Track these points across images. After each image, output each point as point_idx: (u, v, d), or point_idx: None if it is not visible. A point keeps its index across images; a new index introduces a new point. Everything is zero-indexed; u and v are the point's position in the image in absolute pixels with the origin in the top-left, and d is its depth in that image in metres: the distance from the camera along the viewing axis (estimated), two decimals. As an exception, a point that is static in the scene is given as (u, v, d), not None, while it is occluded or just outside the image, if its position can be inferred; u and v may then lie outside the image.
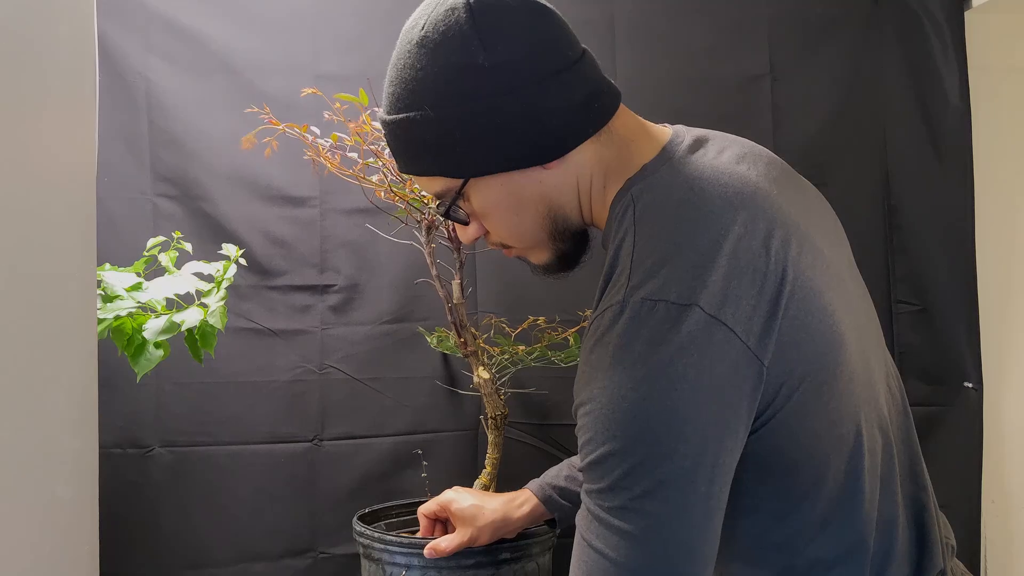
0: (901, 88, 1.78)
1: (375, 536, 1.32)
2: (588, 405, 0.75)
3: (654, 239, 0.77)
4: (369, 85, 1.26)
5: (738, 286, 0.74)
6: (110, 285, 1.22)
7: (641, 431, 0.72)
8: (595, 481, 0.75)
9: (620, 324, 0.74)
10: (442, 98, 0.80)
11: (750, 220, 0.77)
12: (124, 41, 1.65)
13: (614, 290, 0.77)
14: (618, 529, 0.73)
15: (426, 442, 1.69)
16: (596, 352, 0.75)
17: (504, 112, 0.80)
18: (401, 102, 0.83)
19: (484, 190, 0.85)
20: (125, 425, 1.62)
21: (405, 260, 1.67)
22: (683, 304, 0.72)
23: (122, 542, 1.58)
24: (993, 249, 1.79)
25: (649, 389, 0.72)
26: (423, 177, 0.88)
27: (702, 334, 0.72)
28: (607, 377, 0.73)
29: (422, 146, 0.84)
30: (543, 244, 0.90)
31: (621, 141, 0.86)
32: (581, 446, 0.76)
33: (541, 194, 0.85)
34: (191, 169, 1.67)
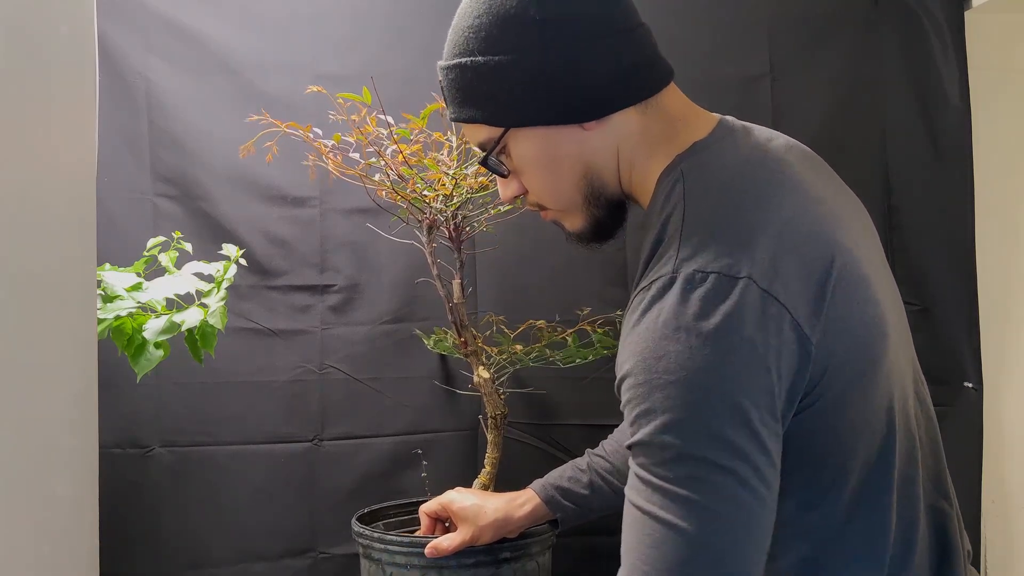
0: (901, 88, 1.77)
1: (374, 536, 1.32)
2: (638, 376, 0.75)
3: (705, 213, 0.78)
4: (372, 84, 1.26)
5: (788, 265, 0.74)
6: (110, 285, 1.22)
7: (698, 400, 0.72)
8: (653, 452, 0.74)
9: (671, 295, 0.74)
10: (491, 46, 0.83)
11: (799, 205, 0.79)
12: (124, 41, 1.65)
13: (662, 262, 0.77)
14: (685, 499, 0.71)
15: (426, 442, 1.69)
16: (645, 323, 0.75)
17: (548, 66, 0.82)
18: (456, 48, 0.86)
19: (523, 143, 0.87)
20: (125, 425, 1.62)
21: (405, 260, 1.67)
22: (735, 276, 0.72)
23: (122, 542, 1.59)
24: (993, 249, 1.79)
25: (704, 358, 0.71)
26: (469, 125, 0.90)
27: (754, 306, 0.72)
28: (658, 347, 0.73)
29: (469, 93, 0.86)
30: (578, 208, 0.91)
31: (669, 117, 0.88)
32: (634, 418, 0.75)
33: (578, 154, 0.87)
34: (191, 169, 1.67)
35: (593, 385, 1.72)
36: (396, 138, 1.31)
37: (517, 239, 1.69)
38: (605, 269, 1.74)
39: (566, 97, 0.84)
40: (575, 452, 1.72)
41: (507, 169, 0.91)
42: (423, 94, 1.38)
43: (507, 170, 0.91)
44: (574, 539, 1.64)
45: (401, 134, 1.31)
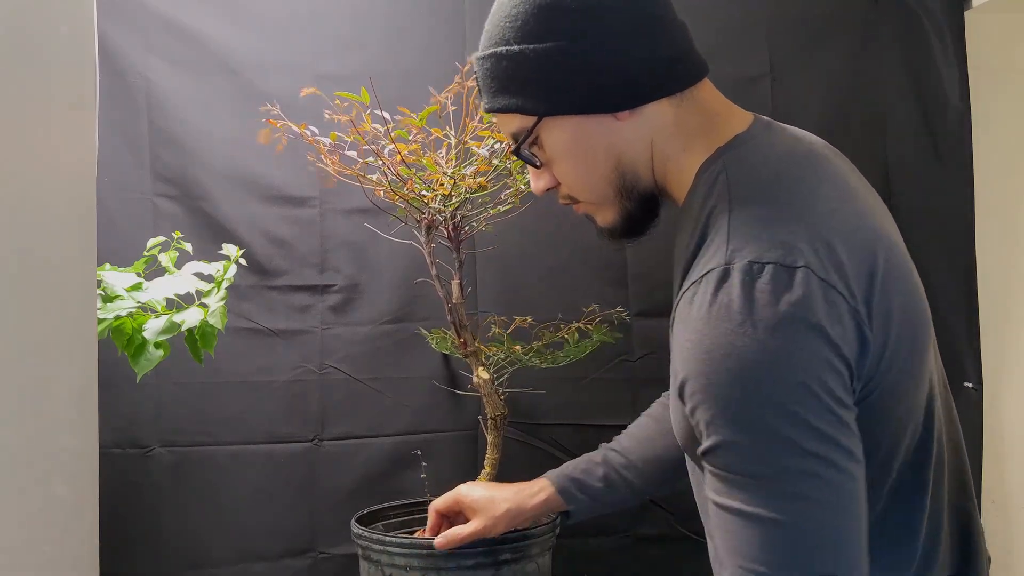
0: (901, 88, 1.78)
1: (374, 537, 1.32)
2: (708, 377, 0.73)
3: (753, 205, 0.78)
4: (370, 84, 1.26)
5: (840, 255, 0.74)
6: (110, 285, 1.22)
7: (774, 392, 0.70)
8: (737, 452, 0.72)
9: (729, 288, 0.72)
10: (526, 35, 0.83)
11: (842, 198, 0.79)
12: (124, 41, 1.65)
13: (708, 255, 0.76)
14: (781, 492, 0.71)
15: (426, 442, 1.69)
16: (703, 319, 0.73)
17: (582, 55, 0.82)
18: (492, 38, 0.87)
19: (555, 132, 0.86)
20: (125, 425, 1.62)
21: (405, 260, 1.67)
22: (792, 266, 0.72)
23: (122, 542, 1.59)
24: (993, 249, 1.79)
25: (775, 349, 0.70)
26: (503, 115, 0.89)
27: (815, 294, 0.71)
28: (725, 344, 0.71)
29: (503, 82, 0.86)
30: (610, 201, 0.90)
31: (706, 111, 0.87)
32: (708, 421, 0.73)
33: (611, 145, 0.86)
34: (191, 169, 1.67)
35: (593, 385, 1.72)
36: (393, 137, 1.31)
37: (517, 239, 1.69)
38: (605, 269, 1.74)
39: (599, 86, 0.84)
40: (575, 452, 1.72)
41: (540, 160, 0.90)
42: (422, 94, 1.38)
43: (540, 161, 0.90)
44: (574, 540, 1.64)
45: (399, 134, 1.31)
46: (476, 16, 1.74)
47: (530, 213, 1.52)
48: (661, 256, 1.73)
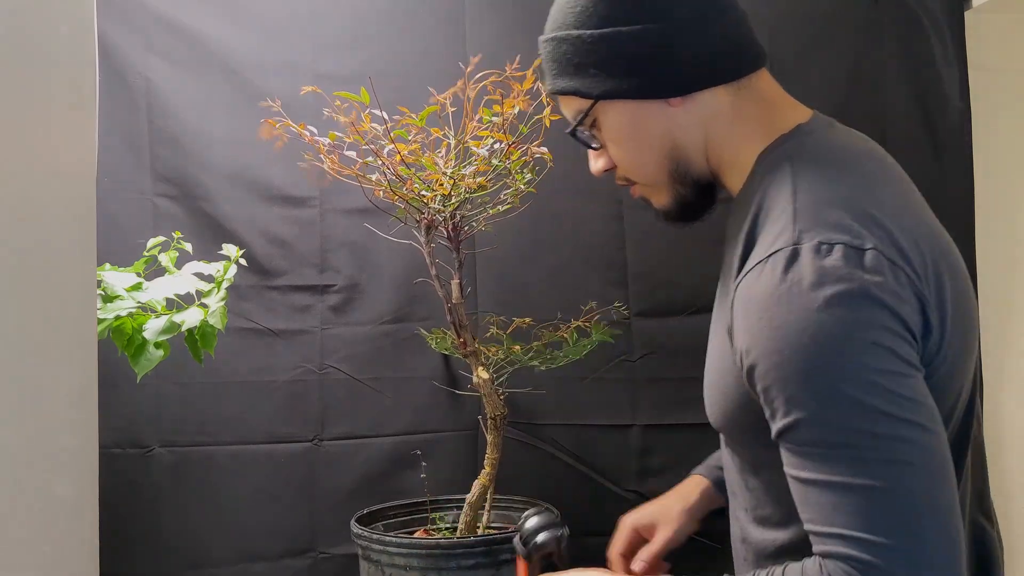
0: (901, 88, 1.77)
1: (373, 537, 1.32)
2: (780, 355, 0.74)
3: (819, 190, 0.79)
4: (370, 84, 1.26)
5: (903, 243, 0.76)
6: (110, 285, 1.22)
7: (850, 365, 0.72)
8: (821, 424, 0.73)
9: (799, 267, 0.74)
10: (584, 20, 0.87)
11: (904, 194, 0.83)
12: (124, 41, 1.65)
13: (773, 236, 0.77)
14: (874, 460, 0.72)
15: (426, 442, 1.69)
16: (773, 298, 0.74)
17: (638, 40, 0.85)
18: (555, 22, 0.90)
19: (611, 115, 0.89)
20: (125, 425, 1.62)
21: (405, 260, 1.67)
22: (861, 247, 0.73)
23: (122, 542, 1.58)
24: (993, 249, 1.79)
25: (847, 325, 0.72)
26: (563, 98, 0.92)
27: (885, 271, 0.73)
28: (798, 321, 0.73)
29: (563, 65, 0.89)
30: (663, 184, 0.92)
31: (764, 100, 0.89)
32: (786, 400, 0.74)
33: (665, 130, 0.88)
34: (191, 169, 1.67)
35: (593, 385, 1.72)
36: (392, 137, 1.31)
37: (516, 239, 1.69)
38: (605, 269, 1.74)
39: (652, 73, 0.86)
40: (575, 452, 1.72)
41: (597, 142, 0.92)
42: (422, 94, 1.38)
43: (597, 143, 0.92)
44: (574, 539, 1.64)
45: (399, 134, 1.31)
46: (476, 16, 1.74)
47: (530, 213, 1.52)
48: (661, 256, 1.74)
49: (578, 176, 1.72)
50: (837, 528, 0.73)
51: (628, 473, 1.73)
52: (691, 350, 1.73)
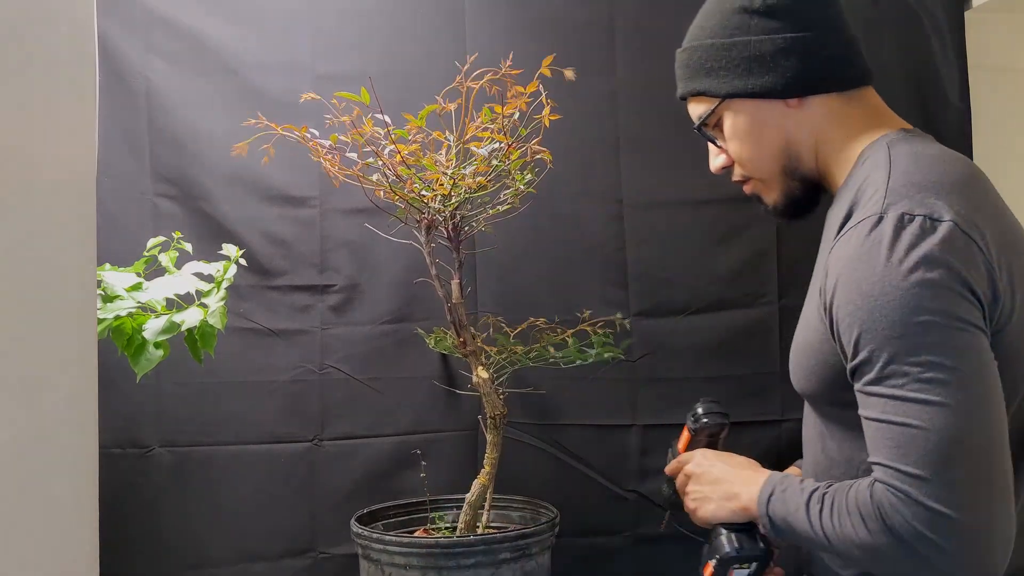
0: (901, 88, 1.77)
1: (373, 537, 1.32)
2: (854, 303, 0.86)
3: (911, 174, 0.91)
4: (370, 85, 1.26)
5: (982, 225, 0.87)
6: (110, 285, 1.22)
7: (911, 320, 0.83)
8: (878, 368, 0.84)
9: (882, 230, 0.86)
10: (718, 31, 1.03)
11: (988, 194, 0.94)
12: (124, 41, 1.65)
13: (867, 207, 0.90)
14: (914, 400, 0.82)
15: (426, 442, 1.69)
16: (859, 253, 0.87)
17: (762, 48, 1.01)
18: (691, 36, 1.07)
19: (735, 113, 1.04)
20: (125, 425, 1.62)
21: (405, 260, 1.67)
22: (939, 219, 0.85)
23: (122, 542, 1.58)
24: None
25: (918, 281, 0.83)
26: (693, 100, 1.08)
27: (958, 242, 0.84)
28: (873, 275, 0.85)
29: (696, 69, 1.05)
30: (775, 179, 1.05)
31: (870, 109, 1.04)
32: (855, 342, 0.85)
33: (781, 128, 1.02)
34: (191, 169, 1.67)
35: (593, 385, 1.72)
36: (393, 138, 1.31)
37: (516, 239, 1.69)
38: (605, 269, 1.74)
39: (774, 76, 1.00)
40: (575, 452, 1.72)
41: (719, 140, 1.06)
42: (423, 95, 1.38)
43: (720, 140, 1.06)
44: (574, 540, 1.64)
45: (399, 134, 1.32)
46: (476, 16, 1.74)
47: (530, 213, 1.52)
48: (661, 256, 1.74)
49: (578, 177, 1.73)
50: (883, 459, 0.83)
51: (628, 473, 1.73)
52: (691, 350, 1.75)
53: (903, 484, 0.82)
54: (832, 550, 0.89)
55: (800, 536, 0.91)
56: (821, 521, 0.89)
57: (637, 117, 1.75)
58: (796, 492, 0.93)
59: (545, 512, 1.47)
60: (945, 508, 0.79)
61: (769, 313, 1.73)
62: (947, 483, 0.80)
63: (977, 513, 0.80)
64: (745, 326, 1.73)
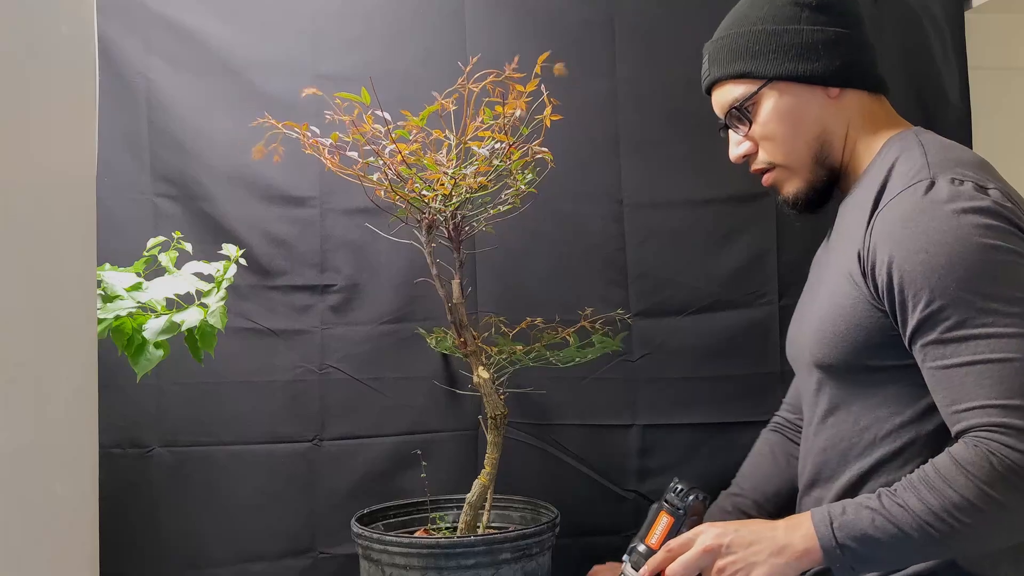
0: (901, 88, 1.77)
1: (374, 537, 1.32)
2: (920, 256, 0.89)
3: (944, 150, 0.99)
4: (370, 84, 1.26)
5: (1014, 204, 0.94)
6: (110, 285, 1.22)
7: (982, 263, 0.87)
8: (957, 312, 0.87)
9: (937, 191, 0.91)
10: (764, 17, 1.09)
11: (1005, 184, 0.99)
12: (124, 41, 1.65)
13: (911, 176, 0.95)
14: (1004, 335, 0.85)
15: (426, 442, 1.69)
16: (914, 214, 0.91)
17: (812, 35, 1.06)
18: (735, 24, 1.12)
19: (780, 95, 1.08)
20: (125, 425, 1.62)
21: (405, 260, 1.67)
22: (986, 186, 0.93)
23: (122, 542, 1.58)
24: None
25: (980, 233, 0.88)
26: (726, 85, 1.12)
27: (1006, 206, 0.91)
28: (937, 227, 0.89)
29: (741, 52, 1.09)
30: (805, 167, 1.09)
31: (891, 112, 1.13)
32: (928, 291, 0.88)
33: (819, 117, 1.08)
34: (191, 169, 1.67)
35: (593, 385, 1.72)
36: (394, 137, 1.31)
37: (517, 239, 1.69)
38: (605, 269, 1.74)
39: (822, 63, 1.06)
40: (575, 452, 1.72)
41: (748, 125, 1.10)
42: (423, 94, 1.38)
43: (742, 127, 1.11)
44: (574, 539, 1.64)
45: (400, 134, 1.31)
46: (476, 16, 1.74)
47: (530, 213, 1.52)
48: (661, 256, 1.74)
49: (578, 177, 1.73)
50: (981, 400, 0.84)
51: (628, 473, 1.73)
52: (691, 350, 1.75)
53: (1014, 419, 0.81)
54: (939, 537, 0.84)
55: (891, 547, 0.86)
56: (919, 504, 0.84)
57: (637, 117, 1.75)
58: (860, 506, 0.89)
59: (545, 512, 1.47)
60: None
61: (769, 313, 1.73)
62: None
63: None
64: (745, 326, 1.73)
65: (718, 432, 1.39)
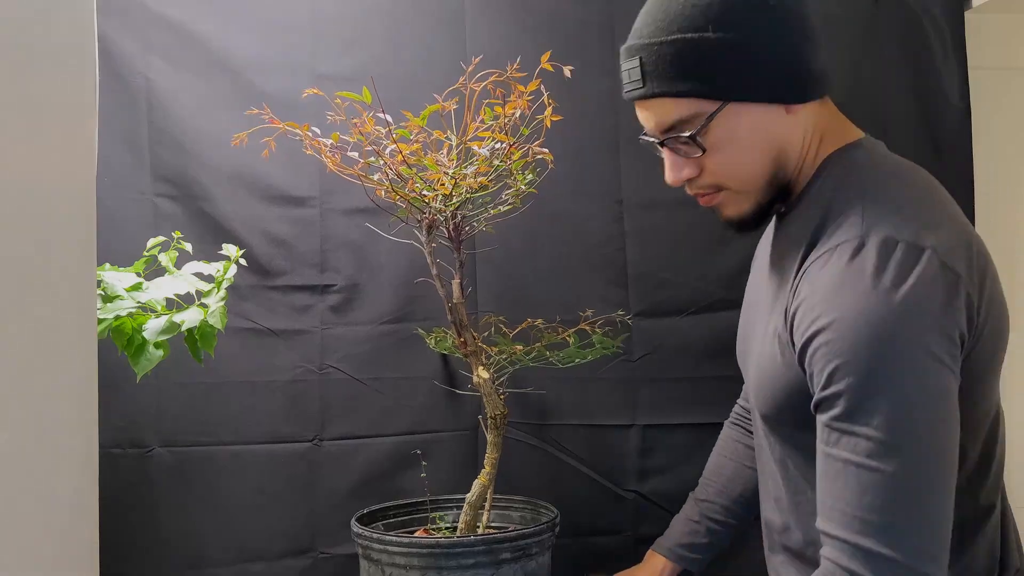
0: (901, 88, 1.77)
1: (374, 537, 1.32)
2: (830, 334, 0.82)
3: (884, 189, 0.88)
4: (371, 84, 1.26)
5: (959, 246, 0.84)
6: (110, 285, 1.22)
7: (897, 352, 0.79)
8: (849, 403, 0.80)
9: (864, 259, 0.82)
10: (726, 22, 0.88)
11: (951, 205, 0.91)
12: (124, 41, 1.65)
13: (843, 229, 0.86)
14: (883, 443, 0.78)
15: (426, 442, 1.69)
16: (839, 283, 0.83)
17: (777, 47, 0.90)
18: (675, 24, 0.89)
19: (733, 120, 0.91)
20: (125, 425, 1.62)
21: (405, 260, 1.67)
22: (921, 246, 0.82)
23: (122, 542, 1.58)
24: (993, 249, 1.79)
25: (901, 315, 0.79)
26: (670, 100, 0.92)
27: (938, 273, 0.81)
28: (858, 307, 0.81)
29: (690, 66, 0.89)
30: (757, 190, 0.96)
31: (837, 114, 0.99)
32: (829, 374, 0.81)
33: (776, 136, 0.93)
34: (191, 169, 1.67)
35: (593, 385, 1.72)
36: (395, 137, 1.31)
37: (517, 239, 1.69)
38: (605, 269, 1.74)
39: (786, 79, 0.91)
40: (575, 452, 1.72)
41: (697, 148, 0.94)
42: (423, 94, 1.38)
43: (697, 149, 0.94)
44: (574, 539, 1.64)
45: (401, 134, 1.32)
46: (476, 16, 1.74)
47: (530, 213, 1.52)
48: (661, 256, 1.74)
49: (578, 177, 1.73)
50: (840, 510, 0.80)
51: (628, 473, 1.73)
52: (691, 350, 1.75)
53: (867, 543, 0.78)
54: None
55: None
56: None
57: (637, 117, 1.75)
58: None
59: (545, 512, 1.47)
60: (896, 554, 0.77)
61: (769, 313, 1.73)
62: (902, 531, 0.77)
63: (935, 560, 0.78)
64: (745, 326, 1.73)
65: (718, 432, 1.39)
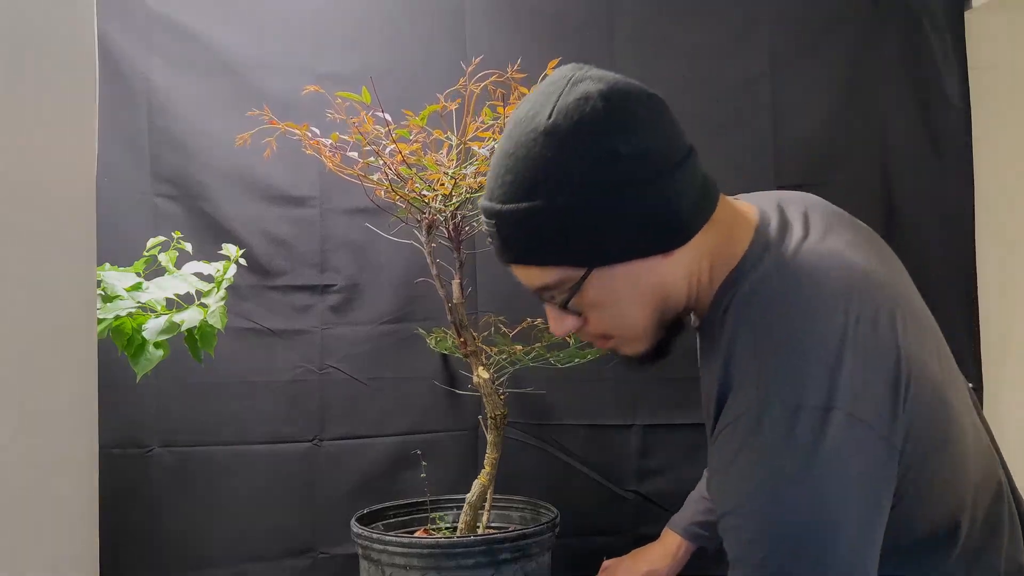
0: (901, 88, 1.77)
1: (373, 537, 1.32)
2: (737, 517, 0.76)
3: (775, 340, 0.78)
4: (371, 84, 1.26)
5: (865, 378, 0.75)
6: (110, 285, 1.22)
7: (799, 543, 0.73)
8: None
9: (762, 434, 0.74)
10: (576, 187, 0.78)
11: (860, 306, 0.78)
12: (124, 41, 1.65)
13: (743, 392, 0.78)
14: None
15: (426, 442, 1.69)
16: (739, 461, 0.76)
17: (641, 200, 0.78)
18: (522, 191, 0.79)
19: (605, 280, 0.82)
20: (125, 425, 1.62)
21: (405, 260, 1.67)
22: (823, 408, 0.73)
23: (122, 542, 1.58)
24: (993, 248, 1.79)
25: (804, 503, 0.73)
26: (534, 267, 0.83)
27: (846, 438, 0.73)
28: (756, 489, 0.75)
29: (545, 235, 0.80)
30: (645, 335, 0.87)
31: (723, 228, 0.86)
32: (735, 558, 0.76)
33: (658, 283, 0.84)
34: (191, 169, 1.67)
35: (593, 385, 1.72)
36: (395, 137, 1.31)
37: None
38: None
39: (658, 228, 0.80)
40: (575, 452, 1.72)
41: (576, 308, 0.85)
42: (423, 94, 1.38)
43: (576, 309, 0.86)
44: (573, 539, 1.64)
45: (400, 134, 1.31)
46: (476, 16, 1.74)
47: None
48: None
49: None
50: None
51: (628, 473, 1.73)
52: (691, 350, 1.74)
53: None
54: None
55: None
56: None
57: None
58: None
59: (545, 512, 1.47)
60: None
61: (769, 313, 1.73)
62: None
63: None
64: (745, 326, 1.73)
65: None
